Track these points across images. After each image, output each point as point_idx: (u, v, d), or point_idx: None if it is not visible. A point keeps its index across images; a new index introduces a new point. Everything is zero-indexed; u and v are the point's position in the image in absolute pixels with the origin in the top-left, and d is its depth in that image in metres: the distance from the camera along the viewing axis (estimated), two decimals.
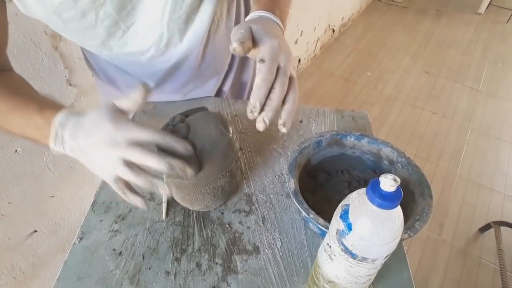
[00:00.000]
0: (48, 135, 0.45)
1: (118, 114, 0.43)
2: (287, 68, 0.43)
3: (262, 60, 0.41)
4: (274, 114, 0.41)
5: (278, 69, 0.42)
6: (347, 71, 2.80)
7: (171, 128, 0.50)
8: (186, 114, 0.52)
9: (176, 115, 0.51)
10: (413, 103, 2.57)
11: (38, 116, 0.45)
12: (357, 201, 0.36)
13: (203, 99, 0.78)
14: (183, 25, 0.60)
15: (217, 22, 0.67)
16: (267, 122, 0.41)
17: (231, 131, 0.51)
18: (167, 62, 0.67)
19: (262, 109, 0.40)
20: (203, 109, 0.54)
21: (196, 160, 0.47)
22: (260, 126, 0.41)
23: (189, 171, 0.43)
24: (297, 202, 0.50)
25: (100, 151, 0.42)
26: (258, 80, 0.40)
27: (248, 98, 0.88)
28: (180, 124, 0.49)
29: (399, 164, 0.58)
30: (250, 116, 0.41)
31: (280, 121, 0.42)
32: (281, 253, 0.53)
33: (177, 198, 0.57)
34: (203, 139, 0.48)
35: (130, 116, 0.46)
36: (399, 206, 0.35)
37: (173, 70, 0.69)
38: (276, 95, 0.41)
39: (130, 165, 0.41)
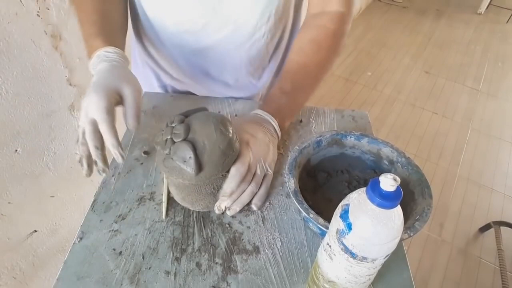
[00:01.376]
0: (92, 56, 0.56)
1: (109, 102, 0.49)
2: (261, 170, 0.57)
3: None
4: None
5: (255, 173, 0.56)
6: (347, 71, 2.80)
7: (171, 129, 0.49)
8: (186, 115, 0.52)
9: (176, 115, 0.51)
10: (413, 103, 2.57)
11: (94, 39, 0.57)
12: (357, 200, 0.36)
13: (203, 98, 0.78)
14: (224, 19, 0.63)
15: (254, 38, 0.69)
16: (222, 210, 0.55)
17: (231, 131, 0.51)
18: (196, 43, 0.69)
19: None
20: (203, 109, 0.54)
21: (196, 160, 0.47)
22: (216, 210, 0.55)
23: (102, 168, 0.50)
24: (297, 202, 0.50)
25: (91, 97, 0.50)
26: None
27: None
28: (180, 124, 0.49)
29: (399, 164, 0.58)
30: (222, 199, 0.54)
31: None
32: (281, 253, 0.53)
33: (177, 199, 0.57)
34: (203, 139, 0.48)
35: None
36: (399, 206, 0.35)
37: (198, 55, 0.71)
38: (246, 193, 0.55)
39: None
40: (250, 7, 0.62)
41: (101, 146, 0.49)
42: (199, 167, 0.48)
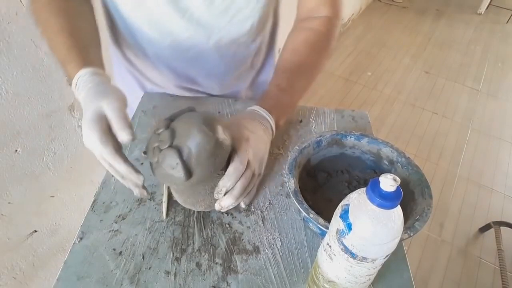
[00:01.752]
0: (72, 84, 0.53)
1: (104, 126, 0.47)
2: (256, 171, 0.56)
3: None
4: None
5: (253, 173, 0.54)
6: (347, 71, 2.80)
7: (157, 136, 0.48)
8: (171, 118, 0.51)
9: (162, 120, 0.50)
10: (413, 103, 2.57)
11: (67, 65, 0.53)
12: (357, 201, 0.36)
13: (202, 99, 0.78)
14: (208, 31, 0.63)
15: (238, 46, 0.69)
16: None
17: (216, 129, 0.50)
18: (181, 55, 0.68)
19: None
20: (190, 109, 0.53)
21: (184, 166, 0.46)
22: (217, 207, 0.52)
23: (138, 190, 0.49)
24: (297, 202, 0.50)
25: (83, 134, 0.47)
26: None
27: None
28: (165, 131, 0.48)
29: (399, 164, 0.58)
30: (216, 196, 0.52)
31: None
32: (281, 253, 0.53)
33: (180, 201, 0.56)
34: (188, 143, 0.47)
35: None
36: (399, 206, 0.35)
37: (184, 65, 0.70)
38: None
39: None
40: (231, 18, 0.63)
41: (122, 176, 0.48)
42: (188, 172, 0.47)
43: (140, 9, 0.61)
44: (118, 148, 0.47)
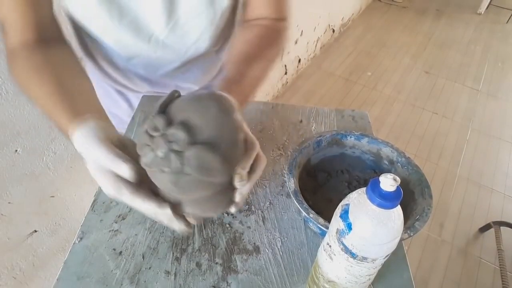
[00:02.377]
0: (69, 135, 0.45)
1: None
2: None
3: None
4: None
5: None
6: (347, 71, 2.80)
7: (163, 139, 0.35)
8: (162, 111, 0.39)
9: (154, 118, 0.37)
10: (413, 103, 2.57)
11: (59, 120, 0.47)
12: (357, 200, 0.36)
13: None
14: (176, 52, 0.63)
15: (206, 59, 0.70)
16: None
17: (234, 109, 0.39)
18: (153, 71, 0.68)
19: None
20: (177, 94, 0.42)
21: (224, 167, 0.36)
22: (233, 210, 0.43)
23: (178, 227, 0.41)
24: (297, 202, 0.50)
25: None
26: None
27: None
28: (174, 127, 0.35)
29: (399, 164, 0.58)
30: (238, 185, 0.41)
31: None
32: (281, 253, 0.53)
33: (197, 213, 0.43)
34: (216, 135, 0.36)
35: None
36: (399, 206, 0.35)
37: (156, 78, 0.71)
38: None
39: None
40: (197, 38, 0.63)
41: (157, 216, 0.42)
42: (228, 172, 0.37)
43: (107, 34, 0.60)
44: (135, 188, 0.40)
